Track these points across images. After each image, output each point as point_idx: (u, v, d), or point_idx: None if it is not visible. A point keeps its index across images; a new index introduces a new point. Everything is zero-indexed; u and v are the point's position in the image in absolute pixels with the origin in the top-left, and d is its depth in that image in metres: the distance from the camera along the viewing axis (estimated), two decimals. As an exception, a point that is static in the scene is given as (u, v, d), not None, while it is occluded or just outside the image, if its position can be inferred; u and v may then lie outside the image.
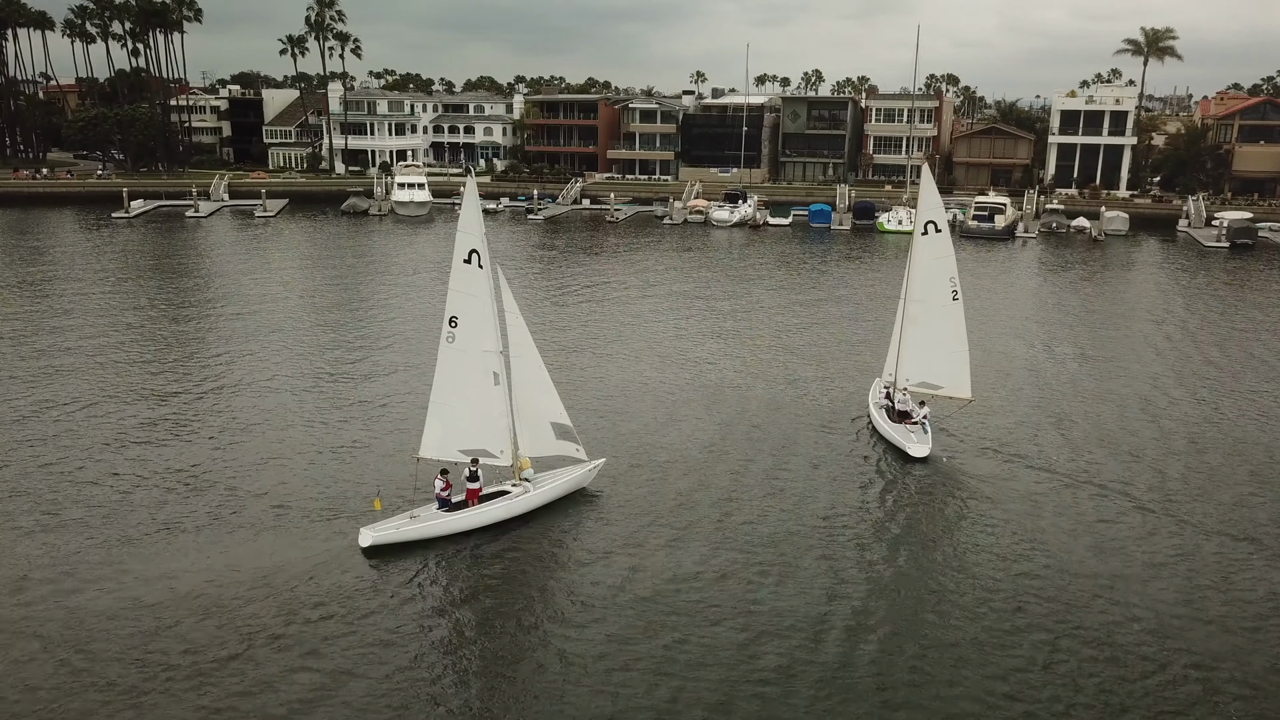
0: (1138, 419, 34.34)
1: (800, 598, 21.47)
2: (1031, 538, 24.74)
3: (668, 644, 19.63)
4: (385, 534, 23.06)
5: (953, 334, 30.97)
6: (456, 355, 24.51)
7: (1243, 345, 45.71)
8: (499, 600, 21.43)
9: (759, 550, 23.65)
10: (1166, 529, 25.34)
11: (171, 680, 18.10)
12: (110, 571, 22.01)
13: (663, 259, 69.70)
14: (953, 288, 30.80)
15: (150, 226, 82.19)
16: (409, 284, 58.03)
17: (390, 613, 20.57)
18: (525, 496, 25.11)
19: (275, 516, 24.99)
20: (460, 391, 24.63)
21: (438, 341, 24.96)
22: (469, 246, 24.15)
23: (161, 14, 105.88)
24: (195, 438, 30.67)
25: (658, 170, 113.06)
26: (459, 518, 24.03)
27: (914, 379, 31.85)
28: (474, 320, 24.35)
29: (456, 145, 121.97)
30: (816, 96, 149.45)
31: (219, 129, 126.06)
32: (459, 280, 24.30)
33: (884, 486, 28.16)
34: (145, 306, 50.12)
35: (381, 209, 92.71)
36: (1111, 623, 20.72)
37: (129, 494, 26.29)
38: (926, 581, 22.59)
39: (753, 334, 46.42)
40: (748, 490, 27.36)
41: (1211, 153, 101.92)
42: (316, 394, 35.55)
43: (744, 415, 33.84)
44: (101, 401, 33.92)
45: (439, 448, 24.96)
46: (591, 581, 22.11)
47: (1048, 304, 56.30)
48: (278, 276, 59.72)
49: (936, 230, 30.78)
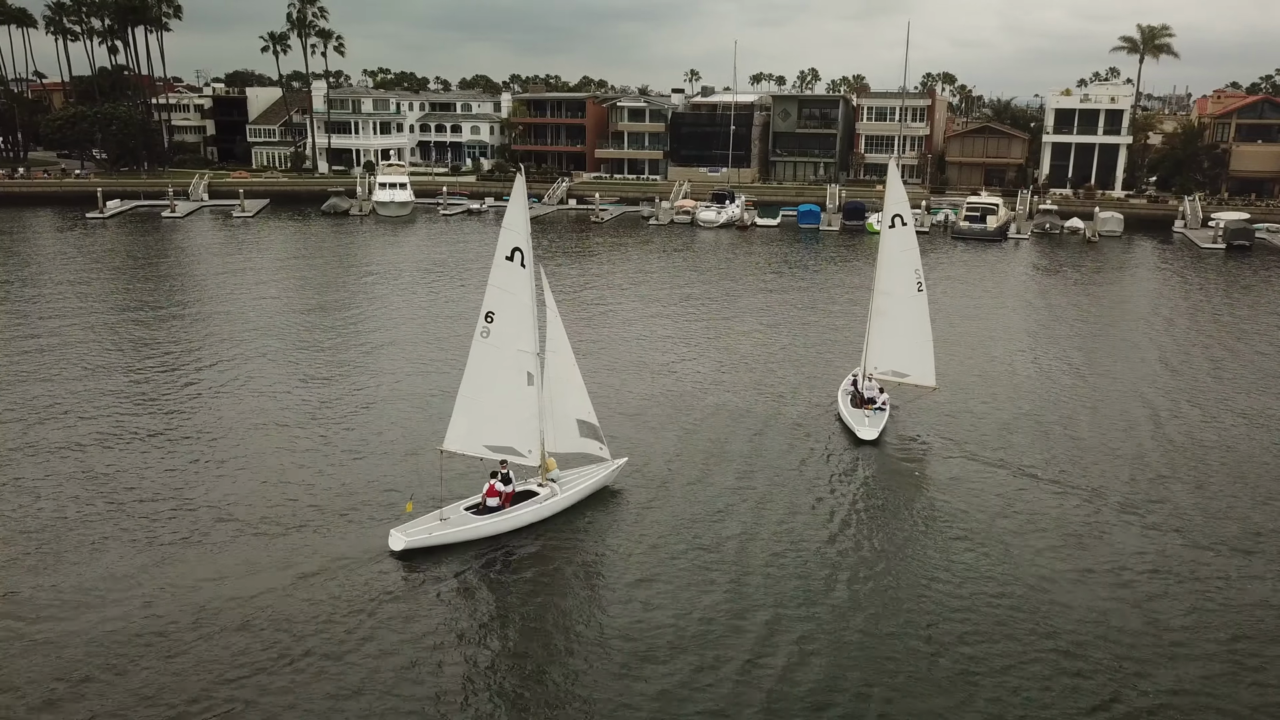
0: (1112, 422, 33.60)
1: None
2: (961, 524, 25.15)
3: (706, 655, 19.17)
4: (417, 538, 22.76)
5: (918, 324, 32.21)
6: (489, 351, 24.21)
7: (1229, 349, 44.36)
8: (532, 604, 21.07)
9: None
10: (1092, 515, 25.25)
11: (215, 683, 17.81)
12: (137, 580, 21.36)
13: (645, 261, 68.06)
14: (918, 279, 32.01)
15: (124, 228, 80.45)
16: (391, 288, 56.33)
17: (421, 617, 20.22)
18: (555, 499, 24.98)
19: (299, 521, 24.44)
20: (490, 388, 24.36)
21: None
22: (512, 244, 23.77)
23: (140, 11, 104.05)
24: (176, 448, 29.47)
25: (647, 170, 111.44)
26: (491, 521, 23.75)
27: (882, 367, 32.92)
28: (511, 318, 24.06)
29: (444, 144, 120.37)
30: (807, 95, 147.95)
31: (203, 128, 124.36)
32: (499, 277, 23.91)
33: (828, 468, 29.01)
34: (103, 310, 48.45)
35: (362, 209, 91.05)
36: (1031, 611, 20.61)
37: (126, 504, 25.39)
38: (850, 555, 23.55)
39: (730, 338, 44.88)
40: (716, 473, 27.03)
41: (1208, 152, 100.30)
42: (318, 399, 34.53)
43: (711, 422, 32.46)
44: (81, 406, 32.40)
45: (464, 442, 24.66)
46: (622, 583, 21.84)
47: (1036, 306, 54.88)
48: (247, 280, 58.02)
49: (903, 224, 31.88)
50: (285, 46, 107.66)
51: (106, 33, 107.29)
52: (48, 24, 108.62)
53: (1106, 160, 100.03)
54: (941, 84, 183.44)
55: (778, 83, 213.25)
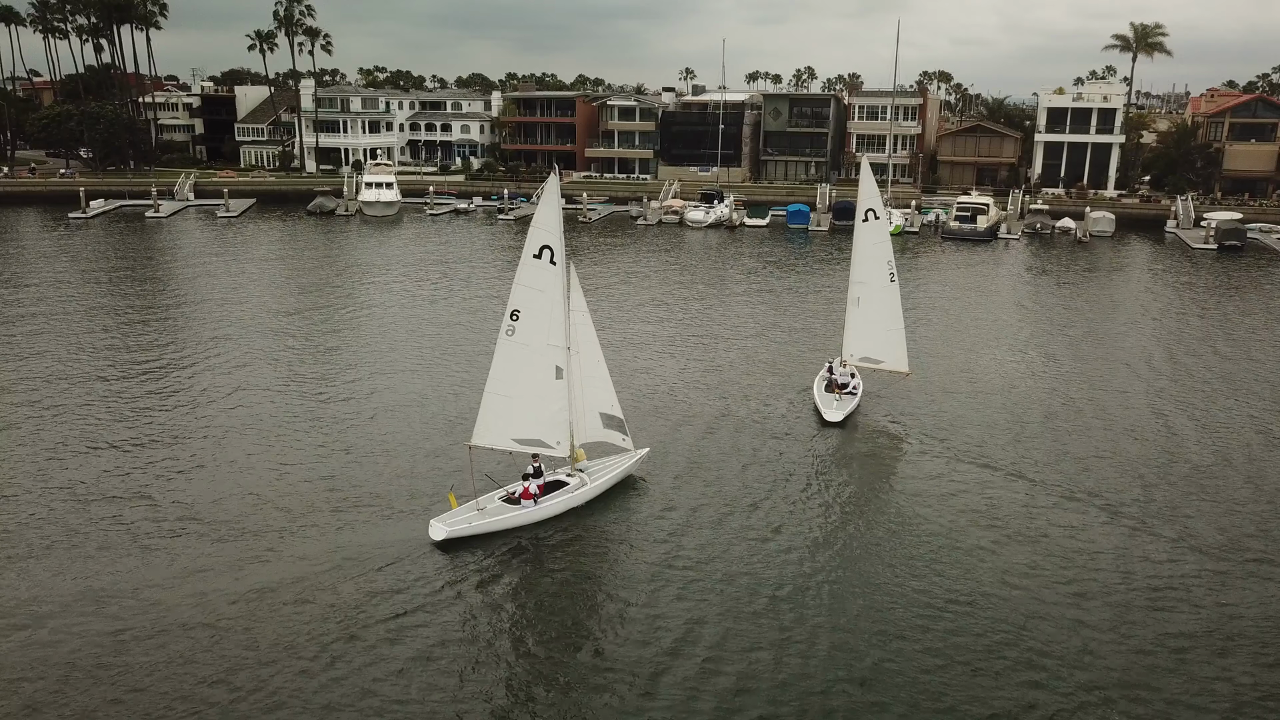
0: (1090, 420, 33.85)
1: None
2: (905, 509, 26.34)
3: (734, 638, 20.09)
4: (457, 527, 23.65)
5: (891, 313, 34.15)
6: (516, 348, 24.85)
7: (1214, 351, 43.90)
8: (568, 589, 22.03)
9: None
10: (1054, 507, 25.44)
11: (265, 668, 18.63)
12: (210, 570, 22.29)
13: (630, 263, 67.34)
14: (890, 270, 33.92)
15: (107, 228, 79.69)
16: (378, 288, 55.69)
17: (464, 602, 21.15)
18: (585, 489, 25.88)
19: (335, 513, 25.19)
20: (518, 383, 25.05)
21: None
22: (542, 242, 24.47)
23: (125, 8, 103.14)
24: (177, 451, 29.68)
25: (637, 169, 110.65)
26: (526, 511, 24.63)
27: (857, 354, 34.97)
28: (538, 315, 24.74)
29: (434, 143, 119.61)
30: (798, 93, 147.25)
31: (191, 126, 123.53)
32: (527, 275, 24.59)
33: (795, 448, 30.69)
34: (76, 313, 47.80)
35: (349, 209, 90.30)
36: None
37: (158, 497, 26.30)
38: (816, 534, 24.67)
39: (711, 339, 44.38)
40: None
41: (1202, 151, 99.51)
42: (334, 400, 34.92)
43: (694, 419, 32.52)
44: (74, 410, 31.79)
45: (492, 436, 25.37)
46: (651, 566, 22.89)
47: (1021, 306, 54.44)
48: (223, 283, 57.35)
49: (875, 218, 34.02)
50: (272, 45, 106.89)
51: (91, 30, 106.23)
52: (34, 22, 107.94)
53: (1099, 160, 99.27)
54: (938, 82, 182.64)
55: (774, 81, 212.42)
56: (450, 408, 33.64)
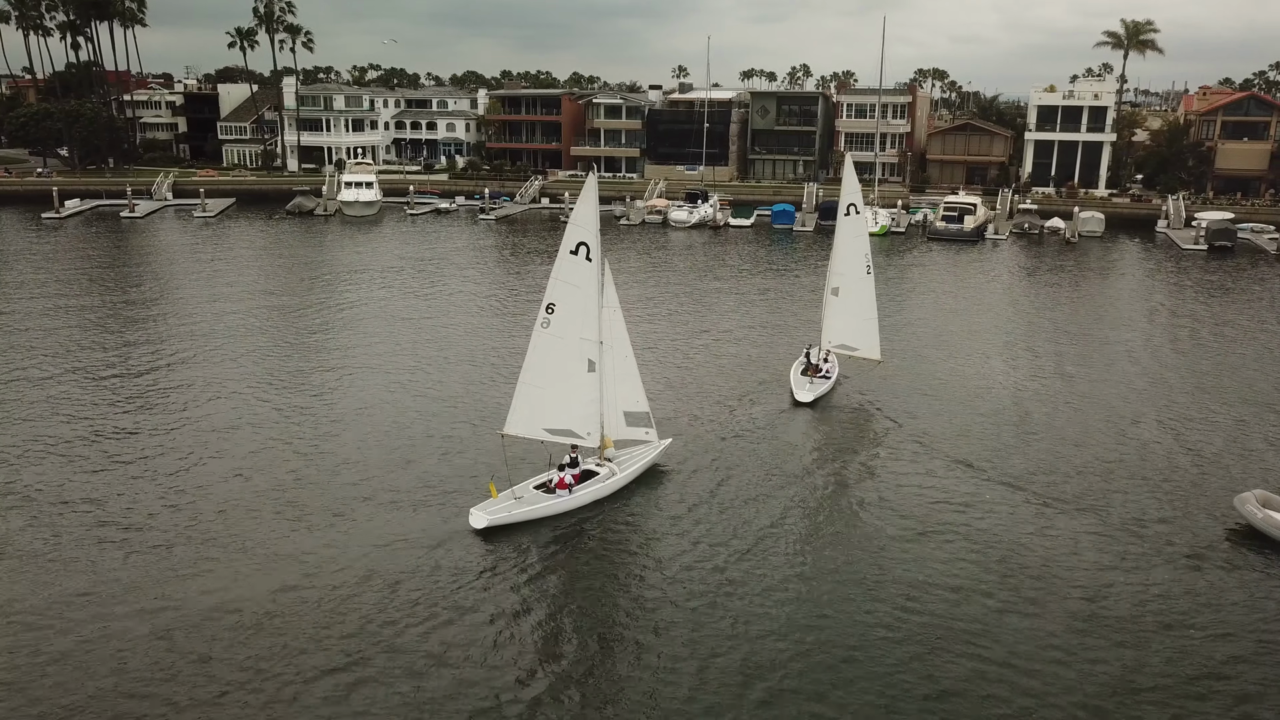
0: (1064, 419, 33.80)
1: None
2: (867, 490, 27.63)
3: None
4: (498, 516, 24.32)
5: (866, 303, 36.22)
6: (551, 341, 25.63)
7: (1202, 351, 42.86)
8: (601, 573, 22.97)
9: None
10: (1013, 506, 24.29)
11: (304, 653, 19.29)
12: (269, 555, 23.14)
13: (612, 262, 65.93)
14: (867, 263, 36.00)
15: (80, 229, 78.38)
16: (363, 288, 54.47)
17: (508, 588, 21.87)
18: (616, 477, 26.74)
19: (371, 505, 25.86)
20: (551, 375, 25.79)
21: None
22: (578, 239, 25.31)
23: (103, 5, 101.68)
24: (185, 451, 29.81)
25: (624, 168, 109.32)
26: (562, 500, 25.38)
27: (835, 341, 36.96)
28: (573, 309, 25.57)
29: (419, 142, 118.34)
30: (786, 91, 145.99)
31: (174, 125, 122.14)
32: (563, 270, 25.46)
33: (766, 426, 32.57)
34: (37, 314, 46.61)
35: (328, 209, 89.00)
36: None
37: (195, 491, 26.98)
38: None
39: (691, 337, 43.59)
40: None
41: (1193, 150, 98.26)
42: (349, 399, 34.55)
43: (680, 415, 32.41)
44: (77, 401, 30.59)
45: (524, 426, 26.15)
46: (680, 551, 23.77)
47: (1004, 307, 53.44)
48: (201, 287, 56.13)
49: (856, 212, 36.09)
50: (253, 42, 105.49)
51: (69, 27, 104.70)
52: (17, 19, 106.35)
53: (1090, 158, 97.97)
54: (932, 80, 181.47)
55: (769, 78, 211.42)
56: (469, 405, 34.15)
